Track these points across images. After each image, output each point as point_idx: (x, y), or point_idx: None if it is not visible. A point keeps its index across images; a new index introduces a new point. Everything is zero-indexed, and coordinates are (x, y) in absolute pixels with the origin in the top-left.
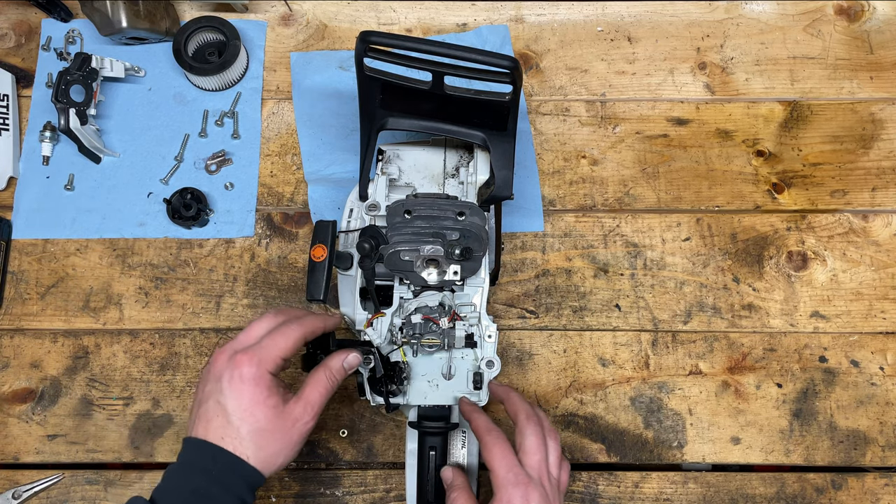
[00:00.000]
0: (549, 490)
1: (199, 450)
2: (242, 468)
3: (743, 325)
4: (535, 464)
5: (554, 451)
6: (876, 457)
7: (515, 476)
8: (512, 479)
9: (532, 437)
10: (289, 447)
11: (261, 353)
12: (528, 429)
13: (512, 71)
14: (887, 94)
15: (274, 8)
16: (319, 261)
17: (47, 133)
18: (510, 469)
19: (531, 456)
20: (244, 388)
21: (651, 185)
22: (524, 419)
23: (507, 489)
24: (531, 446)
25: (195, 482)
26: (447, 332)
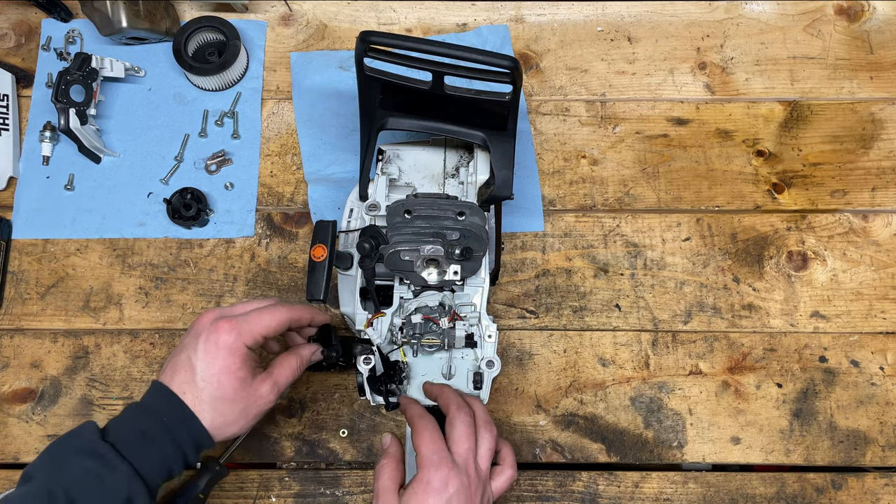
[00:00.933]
0: (472, 481)
1: (160, 395)
2: (193, 423)
3: (743, 325)
4: (463, 452)
5: (486, 445)
6: (876, 457)
7: (439, 458)
8: (435, 461)
9: (461, 426)
10: (244, 419)
11: (243, 324)
12: (457, 419)
13: (512, 71)
14: (887, 94)
15: (274, 8)
16: (319, 261)
17: (47, 133)
18: (435, 451)
19: (458, 444)
20: (218, 354)
21: (651, 185)
22: (454, 409)
23: (428, 469)
24: (459, 435)
25: (146, 424)
26: (447, 332)
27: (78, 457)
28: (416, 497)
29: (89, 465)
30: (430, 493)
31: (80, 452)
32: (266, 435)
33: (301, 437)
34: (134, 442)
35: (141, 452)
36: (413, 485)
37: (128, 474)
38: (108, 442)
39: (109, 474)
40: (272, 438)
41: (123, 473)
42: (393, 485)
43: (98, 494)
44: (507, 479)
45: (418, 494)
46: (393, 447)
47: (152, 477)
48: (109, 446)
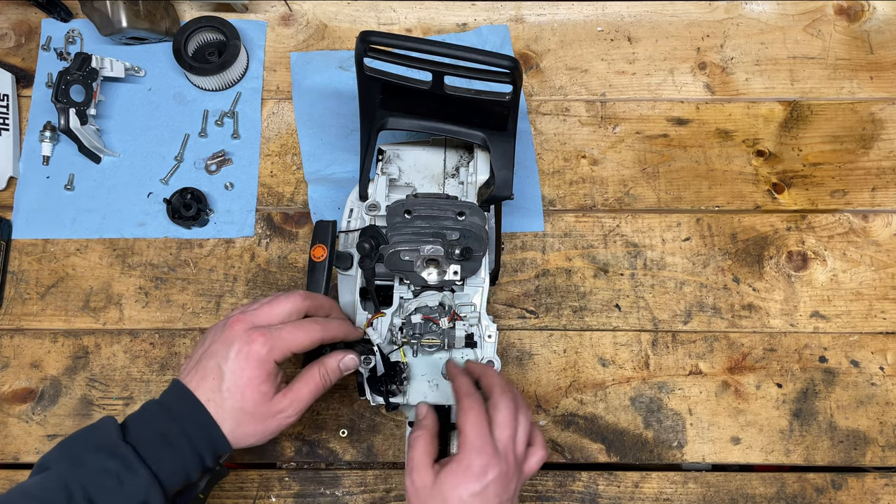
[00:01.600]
0: (510, 467)
1: (183, 399)
2: (214, 432)
3: (743, 325)
4: (504, 438)
5: (523, 429)
6: (876, 457)
7: (482, 444)
8: (478, 446)
9: (505, 411)
10: (263, 433)
11: (276, 339)
12: (501, 402)
13: (512, 71)
14: (887, 94)
15: (274, 8)
16: (319, 261)
17: (47, 133)
18: (479, 436)
19: (501, 430)
20: (247, 365)
21: (651, 185)
22: (499, 393)
23: (470, 454)
24: (502, 420)
25: (167, 427)
26: (447, 332)
27: (98, 455)
28: (453, 477)
29: (109, 465)
30: (469, 478)
31: (101, 450)
32: None
33: (301, 437)
34: (155, 445)
35: (161, 457)
36: (452, 465)
37: (147, 478)
38: (128, 443)
39: (129, 476)
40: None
41: (142, 477)
42: (427, 459)
43: (116, 495)
44: (539, 460)
45: (457, 475)
46: (428, 419)
47: (169, 481)
48: (130, 448)
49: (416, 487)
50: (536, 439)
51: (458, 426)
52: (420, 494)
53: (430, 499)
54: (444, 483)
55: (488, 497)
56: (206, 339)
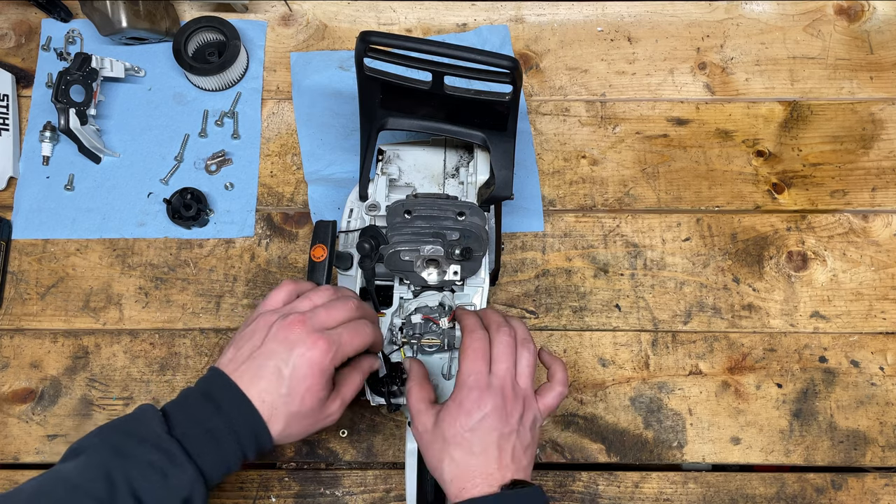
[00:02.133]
0: (509, 400)
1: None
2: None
3: (743, 326)
4: (500, 372)
5: (524, 362)
6: (876, 457)
7: (475, 379)
8: (471, 382)
9: (500, 345)
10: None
11: (339, 347)
12: (497, 337)
13: (512, 71)
14: (887, 94)
15: (274, 8)
16: (319, 261)
17: (47, 133)
18: (472, 372)
19: (497, 364)
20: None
21: (651, 185)
22: (494, 328)
23: (462, 390)
24: (497, 354)
25: (214, 423)
26: (447, 332)
27: (143, 447)
28: (448, 415)
29: (154, 459)
30: (462, 413)
31: (145, 442)
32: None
33: None
34: (200, 441)
35: (206, 453)
36: (447, 403)
37: (192, 474)
38: (174, 437)
39: (174, 471)
40: None
41: (188, 473)
42: (423, 403)
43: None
44: (557, 396)
45: (451, 412)
46: (415, 367)
47: (212, 476)
48: (177, 443)
49: (420, 432)
50: (555, 375)
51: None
52: (424, 438)
53: (432, 440)
54: (442, 422)
55: (485, 430)
56: (256, 334)
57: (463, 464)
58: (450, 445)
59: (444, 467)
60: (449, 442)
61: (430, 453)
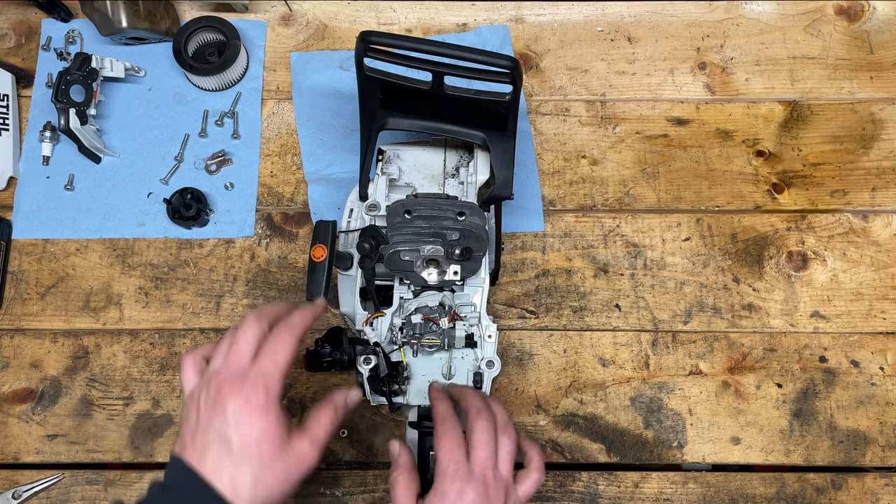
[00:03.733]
0: (491, 489)
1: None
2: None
3: (743, 325)
4: (481, 460)
5: (505, 449)
6: (876, 457)
7: (455, 470)
8: (451, 473)
9: (480, 432)
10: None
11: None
12: (476, 423)
13: (512, 71)
14: (887, 94)
15: (274, 8)
16: (319, 261)
17: (47, 133)
18: (451, 462)
19: (477, 451)
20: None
21: (651, 185)
22: (474, 414)
23: (443, 481)
24: (478, 442)
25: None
26: (447, 332)
27: None
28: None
29: None
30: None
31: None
32: None
33: None
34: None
35: None
36: (430, 496)
37: None
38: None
39: None
40: None
41: None
42: (409, 494)
43: None
44: (534, 483)
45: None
46: (403, 456)
47: None
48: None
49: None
50: (532, 461)
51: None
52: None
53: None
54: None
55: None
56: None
57: None
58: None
59: None
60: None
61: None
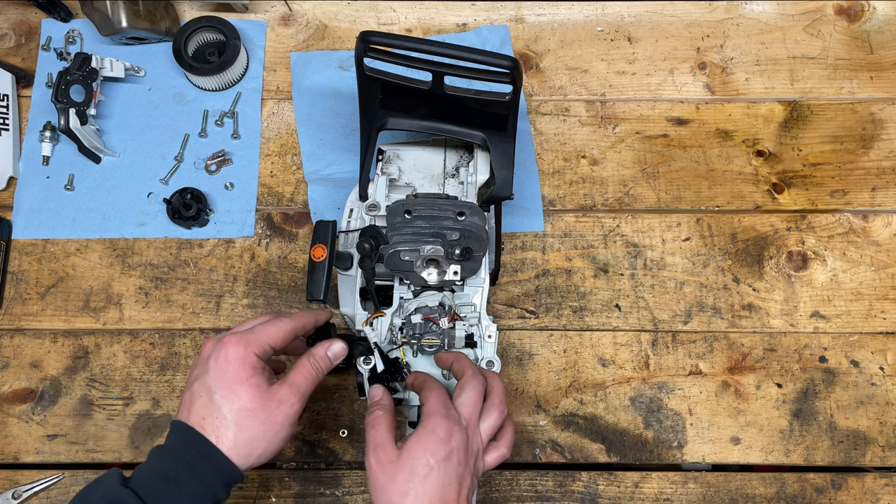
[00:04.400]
0: (472, 441)
1: (179, 433)
2: (217, 459)
3: (743, 326)
4: (466, 414)
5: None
6: (876, 457)
7: (447, 411)
8: (443, 412)
9: (471, 391)
10: (272, 432)
11: (248, 336)
12: (469, 384)
13: (512, 71)
14: (887, 94)
15: (274, 8)
16: (319, 261)
17: (47, 133)
18: (443, 405)
19: (463, 407)
20: (228, 367)
21: (651, 185)
22: (469, 375)
23: (435, 418)
24: (466, 399)
25: (167, 465)
26: (447, 332)
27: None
28: (420, 443)
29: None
30: (434, 441)
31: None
32: None
33: (301, 437)
34: (155, 486)
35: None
36: (417, 432)
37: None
38: (129, 488)
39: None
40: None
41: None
42: (389, 435)
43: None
44: (499, 458)
45: (422, 441)
46: (385, 399)
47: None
48: (131, 492)
49: (382, 463)
50: (504, 437)
51: (421, 402)
52: (386, 469)
53: (396, 471)
54: (411, 451)
55: (452, 464)
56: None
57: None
58: (417, 477)
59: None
60: (416, 473)
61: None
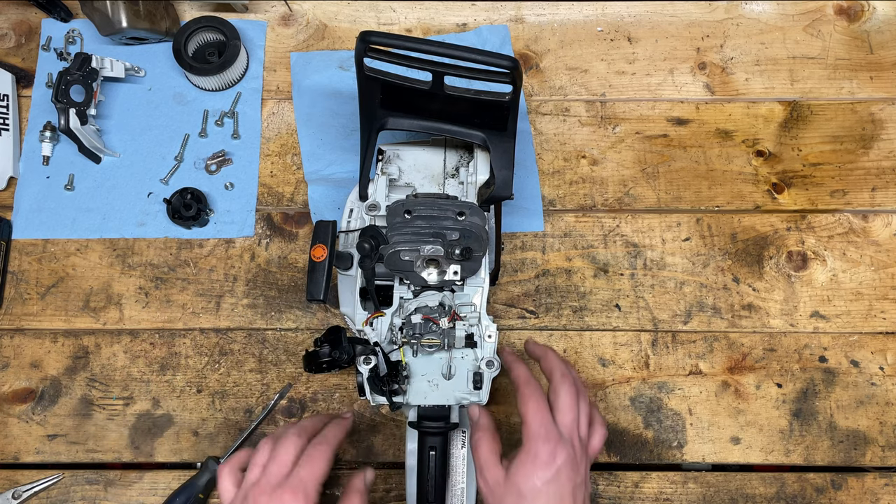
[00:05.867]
0: (577, 451)
1: None
2: None
3: (743, 325)
4: (568, 423)
5: (585, 413)
6: (876, 457)
7: (547, 431)
8: (543, 434)
9: (566, 396)
10: None
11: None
12: (562, 388)
13: (512, 71)
14: (887, 94)
15: (274, 8)
16: (319, 261)
17: (47, 133)
18: (543, 424)
19: (564, 415)
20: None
21: (651, 185)
22: (559, 377)
23: (536, 443)
24: (564, 405)
25: None
26: (447, 332)
27: None
28: (523, 469)
29: None
30: (539, 466)
31: None
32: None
33: None
34: None
35: None
36: (520, 456)
37: None
38: None
39: None
40: None
41: None
42: (494, 456)
43: None
44: (602, 438)
45: (526, 466)
46: (483, 418)
47: None
48: None
49: (490, 486)
50: (596, 418)
51: (520, 415)
52: (495, 492)
53: (506, 494)
54: (517, 475)
55: (561, 482)
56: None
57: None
58: (525, 499)
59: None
60: (525, 496)
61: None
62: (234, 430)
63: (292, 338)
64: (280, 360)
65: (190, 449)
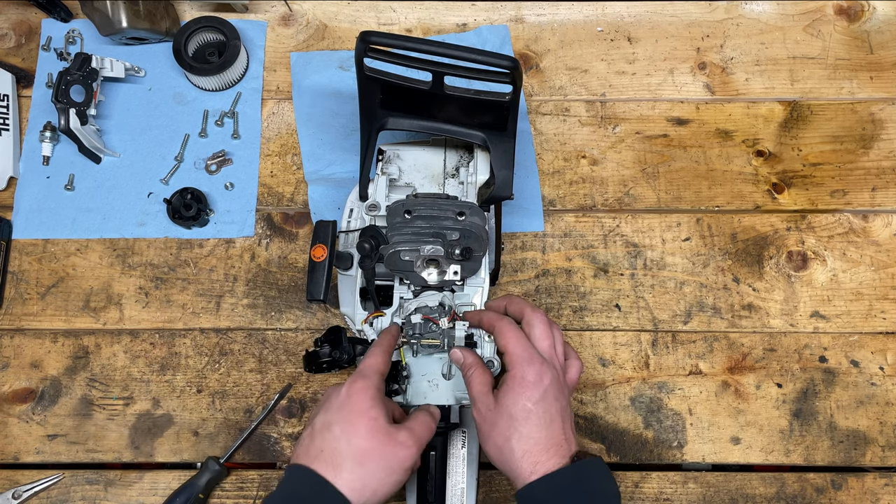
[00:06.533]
0: (559, 372)
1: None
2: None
3: (743, 325)
4: (546, 347)
5: (560, 341)
6: (876, 457)
7: (530, 355)
8: (527, 357)
9: (539, 324)
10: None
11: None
12: (534, 318)
13: (512, 71)
14: (887, 94)
15: (274, 8)
16: (319, 261)
17: (47, 133)
18: (525, 349)
19: (541, 341)
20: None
21: (651, 185)
22: (530, 311)
23: (522, 366)
24: (540, 332)
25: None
26: (447, 332)
27: None
28: (512, 392)
29: None
30: (527, 387)
31: None
32: (266, 435)
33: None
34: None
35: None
36: (508, 382)
37: None
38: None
39: None
40: (272, 438)
41: None
42: (485, 387)
43: None
44: (577, 370)
45: (515, 389)
46: (469, 356)
47: None
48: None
49: (483, 413)
50: (571, 352)
51: (500, 348)
52: (487, 418)
53: (497, 419)
54: (506, 399)
55: (549, 401)
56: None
57: (533, 437)
58: (517, 421)
59: (514, 444)
60: (516, 417)
61: (495, 432)
62: (234, 430)
63: (292, 338)
64: (280, 360)
65: (190, 449)
